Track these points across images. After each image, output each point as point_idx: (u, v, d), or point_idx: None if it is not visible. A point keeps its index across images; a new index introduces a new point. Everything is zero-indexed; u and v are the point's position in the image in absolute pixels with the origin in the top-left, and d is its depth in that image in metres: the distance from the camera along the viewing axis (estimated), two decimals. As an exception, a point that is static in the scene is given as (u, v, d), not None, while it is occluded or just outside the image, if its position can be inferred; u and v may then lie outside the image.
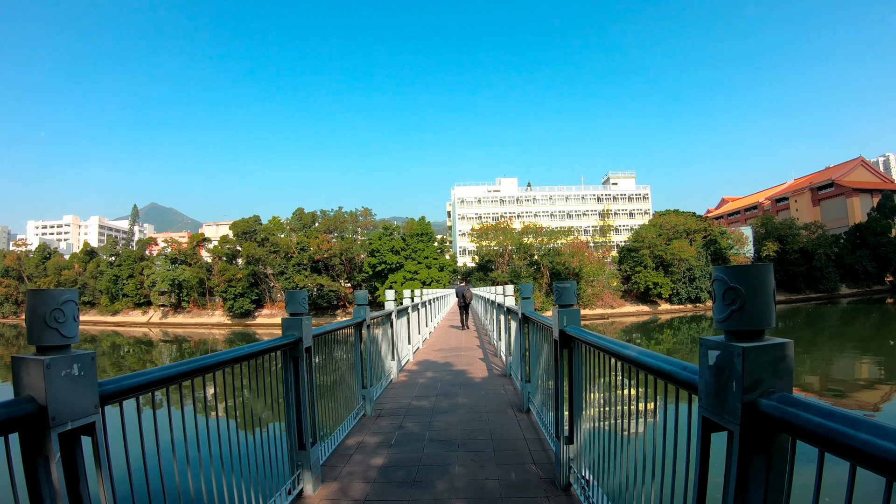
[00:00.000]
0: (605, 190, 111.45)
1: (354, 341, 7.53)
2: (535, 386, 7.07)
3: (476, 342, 17.13)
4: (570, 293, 4.65)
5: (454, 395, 8.80)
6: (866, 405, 20.62)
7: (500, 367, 11.63)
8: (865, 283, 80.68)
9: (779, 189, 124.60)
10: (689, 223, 72.12)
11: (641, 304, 67.25)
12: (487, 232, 72.10)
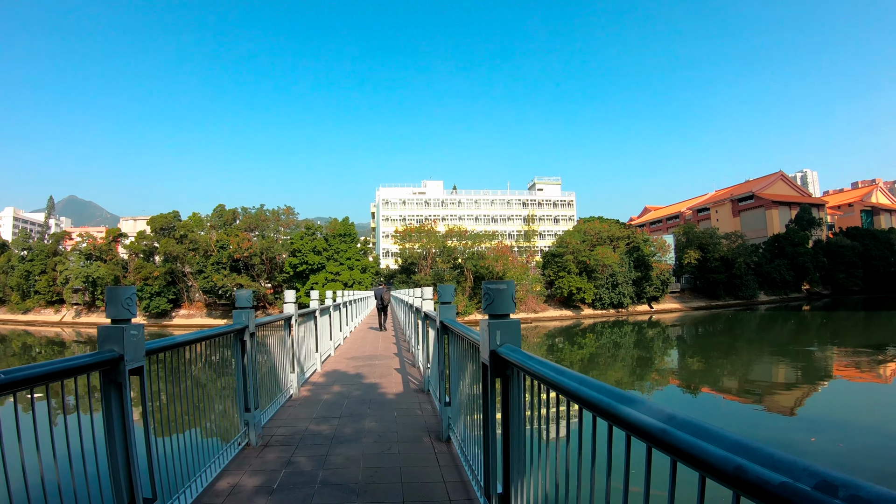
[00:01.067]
0: (530, 195, 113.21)
1: (234, 354, 6.14)
2: (458, 411, 5.75)
3: (393, 349, 16.10)
4: (505, 298, 3.51)
5: (361, 417, 7.55)
6: (783, 406, 21.21)
7: (418, 381, 10.47)
8: (783, 290, 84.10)
9: (700, 200, 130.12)
10: (613, 230, 73.16)
11: (565, 309, 67.81)
12: (411, 234, 71.36)
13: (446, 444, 6.12)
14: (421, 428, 6.85)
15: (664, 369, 32.52)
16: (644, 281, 70.25)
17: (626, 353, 38.83)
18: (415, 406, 8.19)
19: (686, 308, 74.32)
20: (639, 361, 35.35)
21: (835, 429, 17.45)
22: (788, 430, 17.76)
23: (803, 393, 24.12)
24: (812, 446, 15.51)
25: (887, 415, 19.32)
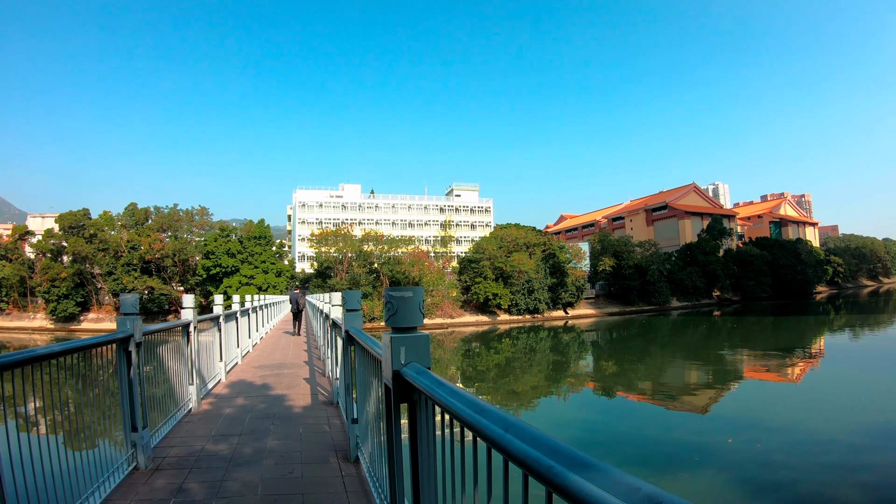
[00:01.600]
0: (448, 201, 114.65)
1: (118, 367, 5.49)
2: (366, 429, 5.17)
3: (304, 357, 15.49)
4: (411, 308, 2.99)
5: (264, 435, 6.91)
6: (698, 408, 21.65)
7: (328, 392, 9.83)
8: (695, 297, 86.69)
9: (616, 209, 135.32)
10: (529, 237, 73.87)
11: (481, 315, 67.93)
12: (327, 238, 70.62)
13: (354, 466, 5.69)
14: (328, 447, 6.37)
15: (580, 373, 32.82)
16: (560, 287, 71.03)
17: (542, 358, 39.01)
18: (323, 421, 7.67)
19: (601, 314, 75.51)
20: (555, 366, 35.48)
21: (750, 429, 17.85)
22: (704, 431, 18.13)
23: (717, 395, 24.69)
24: (730, 447, 15.88)
25: (798, 414, 19.94)
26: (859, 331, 48.44)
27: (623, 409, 22.89)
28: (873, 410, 19.69)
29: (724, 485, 12.93)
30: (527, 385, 29.00)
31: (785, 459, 14.60)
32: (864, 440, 16.22)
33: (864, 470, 13.73)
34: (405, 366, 2.87)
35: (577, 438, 17.33)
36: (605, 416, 21.45)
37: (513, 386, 28.64)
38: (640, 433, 18.34)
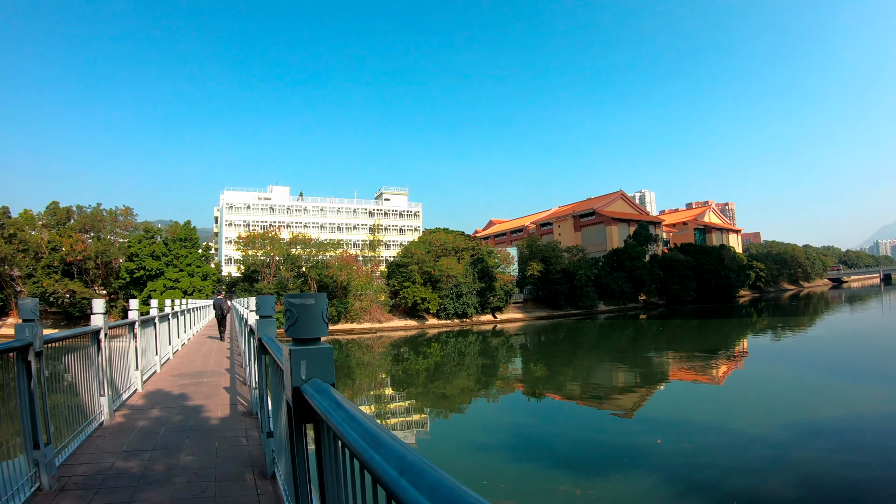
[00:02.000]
0: (377, 205, 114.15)
1: (16, 379, 4.98)
2: (281, 444, 4.66)
3: (226, 364, 15.05)
4: (313, 316, 2.73)
5: (177, 450, 6.45)
6: (625, 408, 22.05)
7: (248, 402, 9.32)
8: (622, 301, 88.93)
9: (544, 215, 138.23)
10: (458, 242, 74.25)
11: (409, 319, 68.07)
12: (255, 240, 69.14)
13: (271, 483, 5.34)
14: (245, 462, 6.00)
15: (509, 377, 33.10)
16: (488, 291, 71.57)
17: (471, 362, 39.10)
18: (240, 434, 7.26)
19: (529, 318, 76.33)
20: (484, 369, 35.64)
21: (678, 429, 18.12)
22: (634, 432, 18.36)
23: (645, 396, 25.10)
24: (659, 447, 16.02)
25: (724, 413, 20.38)
26: (780, 332, 50.21)
27: (553, 411, 23.03)
28: (796, 408, 20.31)
29: (655, 485, 13.14)
30: (457, 389, 29.05)
31: (714, 458, 14.93)
32: (788, 437, 16.65)
33: (790, 465, 14.10)
34: (306, 382, 2.62)
35: (508, 442, 17.47)
36: (535, 419, 21.63)
37: (443, 390, 28.59)
38: (571, 435, 18.49)
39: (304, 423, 2.80)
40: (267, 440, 5.58)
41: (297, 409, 2.69)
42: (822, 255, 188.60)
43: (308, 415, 2.62)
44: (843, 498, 11.90)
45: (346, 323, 63.19)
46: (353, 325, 63.15)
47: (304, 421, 2.76)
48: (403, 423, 21.19)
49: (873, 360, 31.41)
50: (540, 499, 12.44)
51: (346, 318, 63.46)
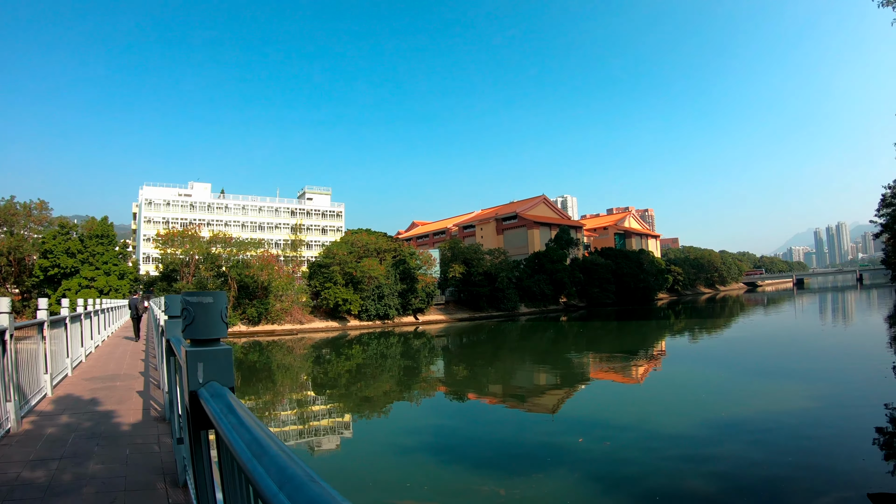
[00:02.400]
0: (299, 204, 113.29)
1: None
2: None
3: (141, 366, 14.62)
4: (211, 316, 2.65)
5: (86, 458, 6.16)
6: (546, 408, 22.40)
7: (161, 407, 8.99)
8: (543, 303, 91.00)
9: (467, 217, 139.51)
10: (380, 243, 74.49)
11: (331, 320, 67.87)
12: (174, 238, 67.49)
13: (183, 491, 5.12)
14: (156, 470, 5.75)
15: (431, 378, 33.19)
16: (410, 293, 71.90)
17: (393, 364, 39.31)
18: (153, 440, 7.00)
19: (450, 319, 77.10)
20: (406, 371, 35.92)
21: (599, 428, 18.45)
22: (556, 432, 18.49)
23: (566, 396, 25.42)
24: (580, 446, 16.27)
25: (644, 412, 20.85)
26: (697, 333, 51.86)
27: (475, 412, 23.23)
28: (713, 406, 20.79)
29: (577, 483, 13.31)
30: (379, 391, 29.25)
31: (634, 455, 15.19)
32: (706, 434, 17.06)
33: (708, 461, 14.47)
34: (203, 385, 2.52)
35: (432, 444, 17.61)
36: (458, 420, 21.78)
37: (365, 392, 28.73)
38: (494, 436, 18.67)
39: (201, 429, 2.68)
40: (178, 446, 5.41)
41: (194, 415, 2.56)
42: (737, 261, 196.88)
43: (206, 421, 2.42)
44: (759, 491, 12.33)
45: (266, 324, 62.62)
46: (273, 326, 62.65)
47: (201, 427, 2.63)
48: (326, 427, 21.14)
49: (786, 360, 32.49)
50: (464, 500, 12.60)
51: (266, 319, 62.83)
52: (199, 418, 2.52)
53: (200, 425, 2.59)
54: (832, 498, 11.85)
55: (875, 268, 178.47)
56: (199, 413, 2.48)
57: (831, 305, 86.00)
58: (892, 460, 14.12)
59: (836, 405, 20.12)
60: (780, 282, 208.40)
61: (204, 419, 2.44)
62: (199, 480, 2.95)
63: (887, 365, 27.16)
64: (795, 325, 57.86)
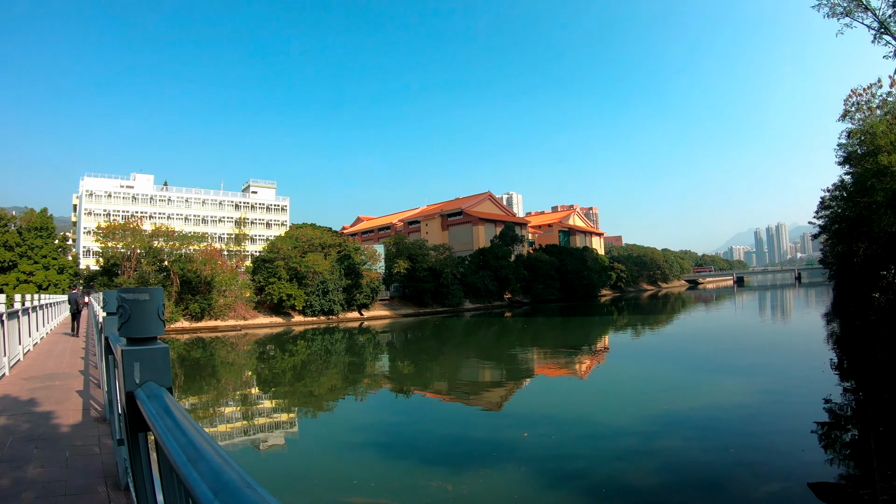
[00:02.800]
0: (244, 198, 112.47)
1: None
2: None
3: (80, 364, 14.18)
4: (148, 313, 2.64)
5: (25, 461, 5.91)
6: (491, 404, 22.49)
7: (102, 407, 8.58)
8: (487, 299, 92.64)
9: (412, 213, 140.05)
10: (325, 238, 74.26)
11: (275, 316, 67.69)
12: (115, 231, 65.45)
13: (125, 495, 4.91)
14: (97, 473, 5.49)
15: (376, 374, 33.34)
16: (355, 289, 72.11)
17: (338, 360, 39.26)
18: (93, 441, 6.69)
19: (395, 315, 77.67)
20: (351, 367, 35.76)
21: (544, 422, 18.62)
22: (501, 427, 18.59)
23: (511, 391, 25.59)
24: (526, 441, 16.30)
25: (588, 406, 21.07)
26: (640, 329, 53.09)
27: (421, 408, 23.23)
28: (656, 401, 20.91)
29: (524, 477, 13.38)
30: (324, 387, 28.99)
31: (579, 450, 15.32)
32: (650, 428, 17.19)
33: (652, 455, 14.60)
34: (140, 386, 2.51)
35: (378, 440, 17.65)
36: (404, 416, 21.71)
37: (311, 388, 28.47)
38: (440, 431, 18.61)
39: (139, 431, 2.66)
40: (118, 448, 5.24)
41: (131, 417, 2.57)
42: (679, 259, 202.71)
43: (143, 422, 2.37)
44: (702, 483, 12.57)
45: (209, 320, 62.12)
46: (217, 321, 62.14)
47: (139, 429, 2.63)
48: (271, 424, 21.03)
49: (727, 355, 33.00)
50: (412, 496, 12.52)
51: (209, 314, 62.24)
52: (137, 420, 2.54)
53: (138, 427, 2.61)
54: (774, 488, 12.08)
55: (813, 267, 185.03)
56: (137, 415, 2.48)
57: (770, 303, 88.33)
58: (830, 451, 14.57)
59: (775, 399, 20.57)
60: (721, 280, 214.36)
61: (141, 421, 2.41)
62: (139, 484, 2.79)
63: (824, 360, 27.70)
64: (736, 321, 59.19)
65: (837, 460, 13.79)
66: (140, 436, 2.71)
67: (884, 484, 10.47)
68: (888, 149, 33.53)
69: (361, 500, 12.19)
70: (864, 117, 41.47)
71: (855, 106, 42.19)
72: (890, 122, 37.22)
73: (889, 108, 39.21)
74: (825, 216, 56.16)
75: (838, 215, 50.26)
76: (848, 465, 13.51)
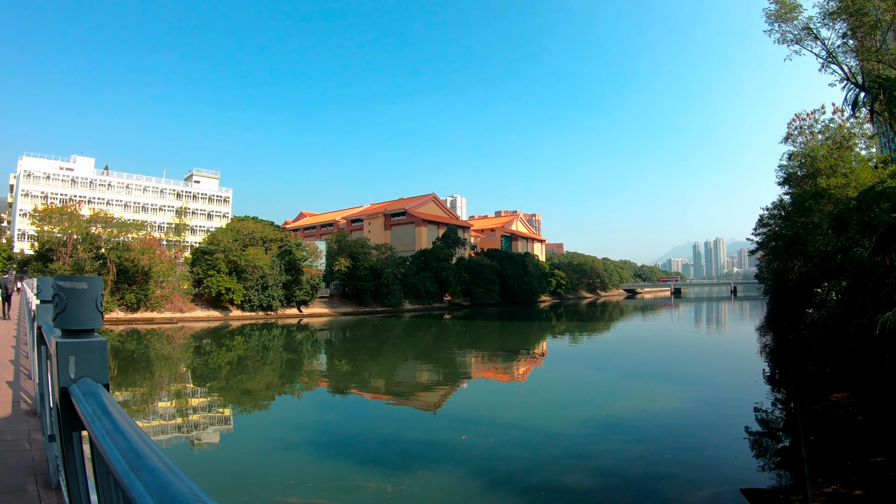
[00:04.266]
0: (186, 187, 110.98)
1: None
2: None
3: (10, 354, 13.47)
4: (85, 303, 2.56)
5: None
6: (429, 405, 22.69)
7: (32, 400, 8.10)
8: (427, 300, 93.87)
9: (356, 211, 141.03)
10: (267, 232, 73.78)
11: (213, 310, 67.16)
12: (52, 215, 63.55)
13: (57, 494, 4.63)
14: (27, 470, 5.20)
15: (314, 372, 33.40)
16: (294, 285, 72.15)
17: (276, 356, 39.44)
18: (23, 436, 6.35)
19: (335, 313, 78.12)
20: (288, 364, 35.95)
21: (482, 425, 18.84)
22: (439, 429, 18.72)
23: (448, 393, 25.76)
24: (464, 443, 16.46)
25: (526, 410, 21.52)
26: (577, 335, 54.30)
27: (359, 407, 23.30)
28: (593, 405, 21.58)
29: (462, 479, 13.49)
30: (261, 384, 28.94)
31: (518, 452, 15.40)
32: (587, 431, 17.64)
33: (590, 458, 14.93)
34: (75, 381, 2.39)
35: (315, 439, 17.59)
36: (341, 416, 21.73)
37: (247, 385, 28.18)
38: (377, 432, 18.64)
39: (73, 430, 2.52)
40: (49, 444, 4.90)
41: (65, 414, 2.44)
42: (619, 268, 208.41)
43: (78, 421, 2.28)
44: (638, 486, 12.89)
45: (146, 311, 61.24)
46: (153, 313, 61.37)
47: (73, 429, 2.49)
48: (205, 420, 20.79)
49: (663, 363, 34.08)
50: (351, 496, 12.58)
51: (146, 306, 61.35)
52: (71, 418, 2.38)
53: (72, 426, 2.45)
54: (708, 492, 12.39)
55: (748, 281, 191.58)
56: (71, 412, 2.33)
57: (706, 314, 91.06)
58: (762, 458, 15.01)
59: (709, 406, 21.25)
60: (659, 290, 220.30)
61: (76, 419, 2.28)
62: (72, 484, 2.66)
63: (758, 371, 28.80)
64: (672, 331, 61.26)
65: (770, 467, 14.39)
66: (74, 434, 2.54)
67: (815, 491, 10.54)
68: (827, 172, 35.10)
69: (299, 500, 12.17)
70: (805, 141, 43.77)
71: (798, 130, 44.45)
72: (830, 147, 39.39)
73: (830, 134, 41.25)
74: (763, 233, 57.63)
75: (776, 233, 51.72)
76: (780, 472, 13.92)
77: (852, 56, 33.17)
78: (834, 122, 41.87)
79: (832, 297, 21.94)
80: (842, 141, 39.98)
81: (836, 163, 36.31)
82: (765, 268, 75.43)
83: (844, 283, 20.80)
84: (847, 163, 36.63)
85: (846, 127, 40.75)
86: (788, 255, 46.08)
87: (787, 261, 46.94)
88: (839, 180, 33.30)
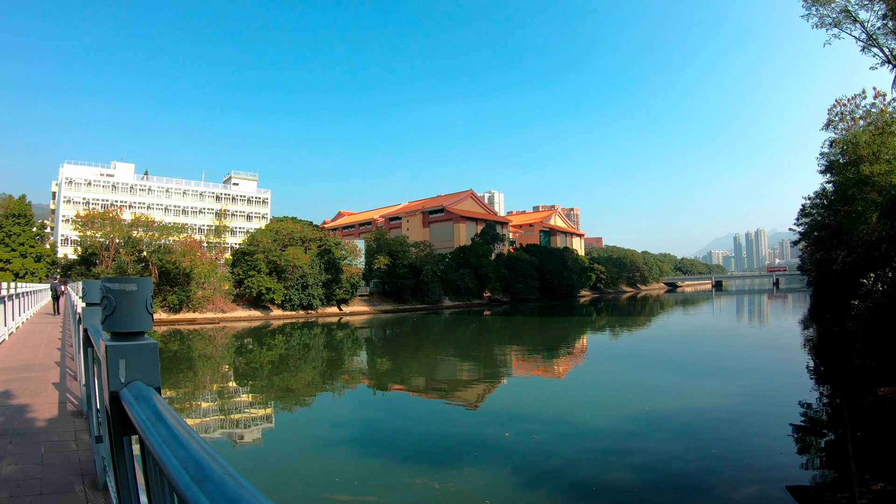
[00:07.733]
0: (225, 189, 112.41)
1: None
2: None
3: (57, 356, 13.59)
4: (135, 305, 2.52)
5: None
6: (471, 402, 22.53)
7: (79, 401, 8.20)
8: (467, 297, 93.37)
9: (394, 209, 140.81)
10: (306, 231, 74.16)
11: (254, 310, 67.53)
12: (94, 220, 65.35)
13: (103, 494, 4.66)
14: (74, 470, 5.24)
15: (355, 369, 33.31)
16: (334, 283, 72.27)
17: (316, 355, 39.16)
18: (70, 437, 6.41)
19: (375, 311, 78.05)
20: (329, 362, 35.78)
21: (525, 422, 18.64)
22: (482, 425, 18.59)
23: (490, 389, 25.60)
24: (508, 440, 16.32)
25: (568, 406, 21.27)
26: (618, 330, 53.90)
27: (400, 404, 23.18)
28: (635, 401, 21.20)
29: (507, 476, 13.46)
30: (302, 382, 28.91)
31: (562, 449, 15.38)
32: (629, 427, 17.46)
33: (632, 454, 14.77)
34: (126, 385, 2.34)
35: (357, 437, 17.52)
36: (383, 413, 21.67)
37: (288, 383, 28.36)
38: (420, 428, 18.56)
39: (124, 435, 2.48)
40: (96, 445, 4.92)
41: (115, 419, 2.38)
42: (658, 262, 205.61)
43: (129, 426, 2.27)
44: (681, 483, 12.69)
45: (188, 312, 61.91)
46: (195, 314, 62.01)
47: (124, 433, 2.44)
48: (247, 419, 20.79)
49: (706, 358, 33.73)
50: (398, 494, 12.43)
51: (188, 306, 62.02)
52: (122, 423, 2.34)
53: (123, 430, 2.40)
54: (753, 489, 12.21)
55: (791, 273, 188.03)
56: (122, 417, 2.29)
57: (748, 307, 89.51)
58: (806, 455, 14.82)
59: (753, 401, 20.91)
60: (700, 283, 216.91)
61: (127, 424, 2.24)
62: (122, 488, 2.61)
63: (802, 365, 28.21)
64: (714, 325, 59.69)
65: (815, 464, 14.15)
66: (125, 439, 2.51)
67: (861, 488, 10.37)
68: (870, 159, 34.11)
69: (346, 497, 12.17)
70: (847, 127, 42.40)
71: (839, 116, 43.06)
72: (873, 132, 38.08)
73: (872, 119, 40.02)
74: (805, 223, 56.45)
75: (818, 223, 50.81)
76: (826, 469, 13.72)
77: (893, 38, 32.32)
78: (875, 107, 40.66)
79: (878, 287, 21.17)
80: (884, 126, 38.48)
81: (879, 149, 35.10)
82: (807, 259, 74.01)
83: (891, 273, 20.06)
84: (891, 149, 35.42)
85: (888, 111, 39.32)
86: (832, 245, 45.02)
87: (831, 251, 45.85)
88: (883, 167, 32.23)
